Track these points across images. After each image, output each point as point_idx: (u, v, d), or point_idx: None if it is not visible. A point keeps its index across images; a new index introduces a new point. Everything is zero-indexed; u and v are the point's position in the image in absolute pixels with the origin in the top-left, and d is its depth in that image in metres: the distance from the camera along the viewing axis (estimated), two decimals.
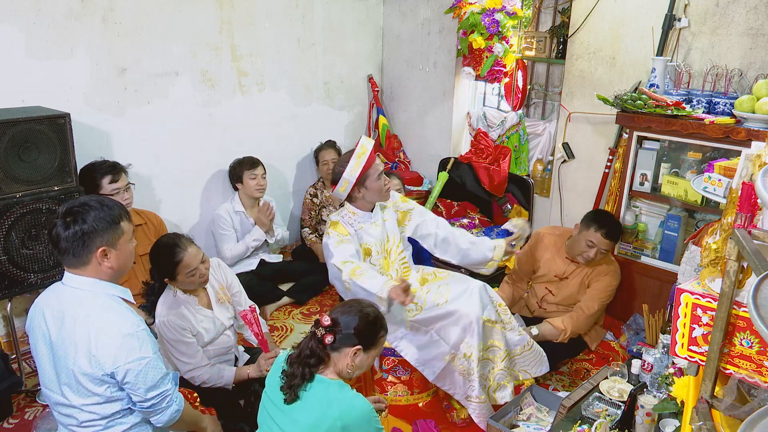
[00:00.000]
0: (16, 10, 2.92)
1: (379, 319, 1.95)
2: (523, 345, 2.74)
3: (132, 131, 3.47)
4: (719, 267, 1.63)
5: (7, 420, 2.70)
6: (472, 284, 2.67)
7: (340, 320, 1.87)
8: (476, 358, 2.54)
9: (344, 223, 2.78)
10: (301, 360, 1.84)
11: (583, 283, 3.18)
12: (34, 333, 1.84)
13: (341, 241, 2.70)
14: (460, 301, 2.61)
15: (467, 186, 4.33)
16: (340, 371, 1.87)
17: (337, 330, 1.85)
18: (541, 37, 3.87)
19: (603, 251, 3.09)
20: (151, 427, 1.92)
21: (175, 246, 2.39)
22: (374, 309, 1.97)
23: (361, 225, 2.78)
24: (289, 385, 1.81)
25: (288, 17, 4.09)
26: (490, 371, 2.63)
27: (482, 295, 2.63)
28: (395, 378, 2.83)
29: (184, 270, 2.40)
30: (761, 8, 2.91)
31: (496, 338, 2.63)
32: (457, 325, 2.58)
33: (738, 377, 1.42)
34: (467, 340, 2.56)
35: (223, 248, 3.72)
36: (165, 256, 2.39)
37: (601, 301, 3.11)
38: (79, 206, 1.77)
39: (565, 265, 3.25)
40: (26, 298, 3.04)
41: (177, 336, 2.40)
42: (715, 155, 3.02)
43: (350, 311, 1.90)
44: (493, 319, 2.63)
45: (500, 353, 2.63)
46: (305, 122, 4.39)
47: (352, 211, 2.79)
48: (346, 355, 1.85)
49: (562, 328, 2.99)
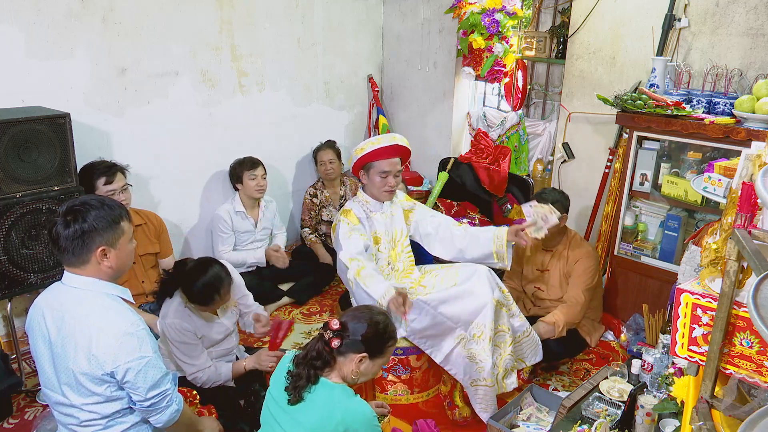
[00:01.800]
0: (16, 10, 2.92)
1: (388, 329, 1.94)
2: (523, 331, 2.76)
3: (132, 131, 3.47)
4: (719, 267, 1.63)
5: (7, 420, 2.70)
6: (480, 268, 2.70)
7: (349, 325, 1.87)
8: (488, 338, 2.54)
9: (357, 209, 2.85)
10: (307, 361, 1.84)
11: (564, 273, 3.19)
12: (34, 333, 1.84)
13: (351, 230, 2.78)
14: (471, 282, 2.64)
15: (467, 186, 4.33)
16: (344, 376, 1.86)
17: (345, 335, 1.85)
18: (541, 37, 3.87)
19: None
20: (150, 427, 1.92)
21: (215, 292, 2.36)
22: (385, 317, 1.96)
23: (373, 213, 2.87)
24: (294, 386, 1.81)
25: (288, 17, 4.09)
26: (499, 357, 2.62)
27: (490, 277, 2.66)
28: (395, 377, 2.82)
29: (216, 307, 2.42)
30: (761, 8, 2.91)
31: (504, 323, 2.64)
32: (468, 305, 2.59)
33: (738, 377, 1.42)
34: (478, 321, 2.56)
35: (219, 249, 3.72)
36: (204, 294, 2.35)
37: (585, 285, 3.09)
38: (80, 205, 1.77)
39: (542, 256, 3.26)
40: (26, 298, 3.04)
41: (182, 338, 2.40)
42: (715, 155, 3.02)
43: (360, 317, 1.90)
44: (501, 301, 2.65)
45: (507, 338, 2.64)
46: (305, 122, 4.39)
47: (365, 199, 2.89)
48: (352, 360, 1.85)
49: (553, 321, 2.98)
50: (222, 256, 3.68)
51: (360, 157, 2.81)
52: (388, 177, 2.82)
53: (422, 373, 2.84)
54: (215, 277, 2.36)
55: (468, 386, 2.62)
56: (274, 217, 3.97)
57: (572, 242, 3.19)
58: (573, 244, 3.19)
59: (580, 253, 3.15)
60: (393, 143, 2.80)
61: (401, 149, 2.85)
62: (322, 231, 4.28)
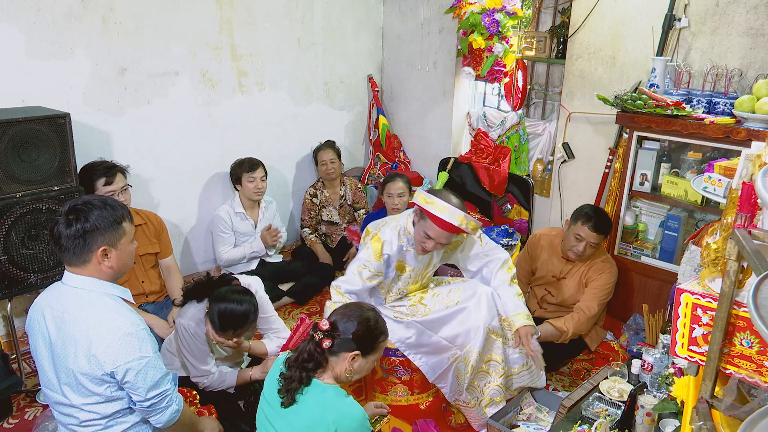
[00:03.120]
0: (15, 10, 2.92)
1: (379, 324, 1.94)
2: (521, 364, 2.70)
3: (132, 131, 3.47)
4: (719, 267, 1.63)
5: (7, 420, 2.70)
6: (481, 290, 2.64)
7: (339, 325, 1.86)
8: (471, 365, 2.54)
9: (391, 241, 2.63)
10: (299, 364, 1.83)
11: (581, 282, 3.18)
12: (34, 333, 1.84)
13: (364, 267, 2.61)
14: (469, 304, 2.61)
15: (467, 186, 4.33)
16: (338, 376, 1.86)
17: (335, 334, 1.84)
18: (541, 37, 3.87)
19: (592, 244, 3.07)
20: (150, 427, 1.92)
21: (232, 327, 2.34)
22: (375, 313, 1.96)
23: (409, 248, 2.67)
24: (287, 389, 1.81)
25: (288, 17, 4.09)
26: (486, 385, 2.61)
27: (490, 304, 2.61)
28: (396, 378, 2.82)
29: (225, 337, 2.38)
30: (761, 8, 2.91)
31: (497, 352, 2.61)
32: (462, 327, 2.58)
33: (738, 377, 1.41)
34: (470, 346, 2.56)
35: (218, 250, 3.72)
36: (222, 320, 2.32)
37: (600, 300, 3.10)
38: (82, 204, 1.77)
39: (561, 264, 3.25)
40: (26, 298, 3.04)
41: (193, 341, 2.40)
42: (715, 155, 3.02)
43: (350, 315, 1.89)
44: (497, 331, 2.61)
45: (498, 369, 2.61)
46: (305, 122, 4.39)
47: (409, 230, 2.64)
48: (345, 359, 1.85)
49: (564, 330, 2.99)
50: (222, 256, 3.68)
51: (423, 208, 2.50)
52: (430, 241, 2.54)
53: (422, 375, 2.84)
54: (243, 313, 2.33)
55: (452, 402, 2.64)
56: (275, 217, 3.96)
57: (597, 253, 3.19)
58: (598, 255, 3.19)
59: (603, 267, 3.15)
60: (453, 222, 2.44)
61: (458, 229, 2.50)
62: (322, 231, 4.28)
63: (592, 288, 3.13)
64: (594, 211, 3.10)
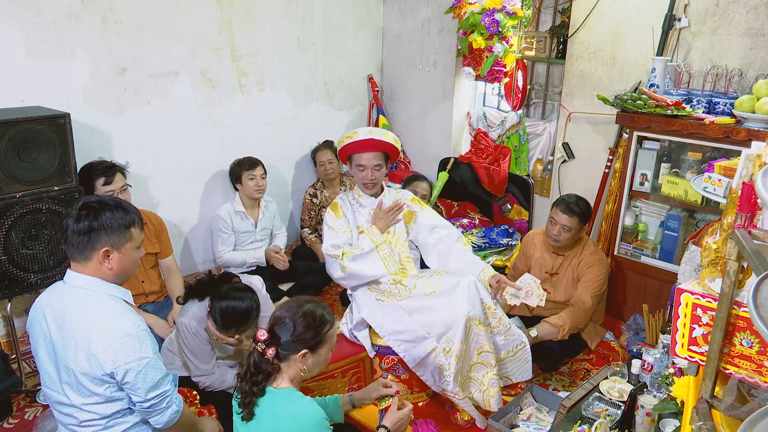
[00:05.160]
0: (15, 10, 2.92)
1: (317, 317, 1.83)
2: (508, 350, 2.71)
3: (132, 131, 3.47)
4: (719, 267, 1.63)
5: (7, 420, 2.70)
6: (463, 280, 2.64)
7: (277, 330, 1.80)
8: (455, 355, 2.51)
9: (344, 202, 2.82)
10: (248, 378, 1.79)
11: (574, 278, 3.19)
12: (35, 332, 1.84)
13: (331, 227, 2.82)
14: (448, 295, 2.61)
15: (467, 186, 4.33)
16: (293, 378, 1.82)
17: (276, 342, 1.79)
18: (541, 37, 3.87)
19: (566, 227, 3.08)
20: (150, 427, 1.92)
21: (234, 324, 2.33)
22: (312, 305, 1.86)
23: (361, 207, 2.83)
24: (244, 403, 1.78)
25: (288, 17, 4.09)
26: (485, 376, 2.61)
27: (471, 293, 2.59)
28: (395, 377, 2.82)
29: (227, 335, 2.37)
30: (761, 8, 2.91)
31: (485, 342, 2.60)
32: (441, 318, 2.57)
33: (738, 377, 1.41)
34: (449, 336, 2.54)
35: (218, 249, 3.72)
36: (224, 317, 2.31)
37: (593, 292, 3.10)
38: (96, 203, 1.78)
39: (552, 259, 3.26)
40: (26, 298, 3.04)
41: (194, 341, 2.40)
42: (715, 155, 3.02)
43: (284, 318, 1.82)
44: (479, 319, 2.58)
45: (491, 360, 2.61)
46: (305, 122, 4.39)
47: (358, 193, 2.86)
48: (294, 361, 1.80)
49: (560, 325, 2.99)
50: (222, 256, 3.68)
51: (340, 149, 2.78)
52: (365, 171, 2.75)
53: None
54: (245, 311, 2.33)
55: (440, 393, 2.64)
56: (274, 217, 3.96)
57: (585, 247, 3.20)
58: (586, 249, 3.20)
59: (594, 260, 3.16)
60: (368, 137, 2.69)
61: (382, 144, 2.73)
62: (322, 231, 4.28)
63: (584, 281, 3.14)
64: (569, 197, 3.16)
